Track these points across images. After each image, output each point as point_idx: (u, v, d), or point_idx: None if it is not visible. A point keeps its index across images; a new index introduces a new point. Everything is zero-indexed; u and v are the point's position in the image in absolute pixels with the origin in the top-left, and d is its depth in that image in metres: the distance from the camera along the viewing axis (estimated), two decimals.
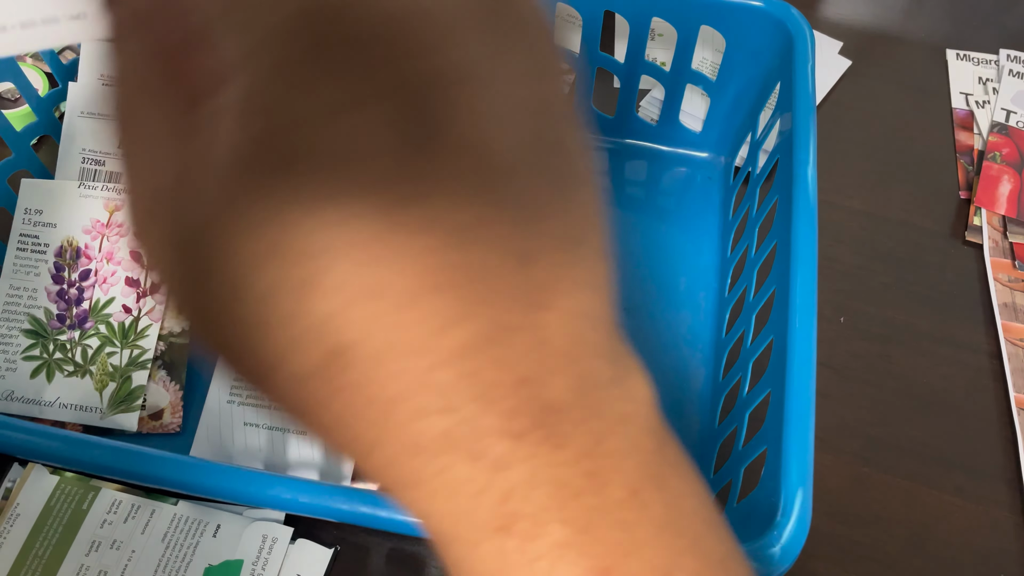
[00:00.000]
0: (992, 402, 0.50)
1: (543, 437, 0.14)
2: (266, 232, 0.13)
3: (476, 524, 0.14)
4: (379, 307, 0.13)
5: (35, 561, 0.41)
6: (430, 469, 0.14)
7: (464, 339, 0.13)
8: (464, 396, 0.13)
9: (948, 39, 0.69)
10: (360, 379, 0.13)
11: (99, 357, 0.47)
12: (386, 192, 0.12)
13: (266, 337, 0.14)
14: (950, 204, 0.59)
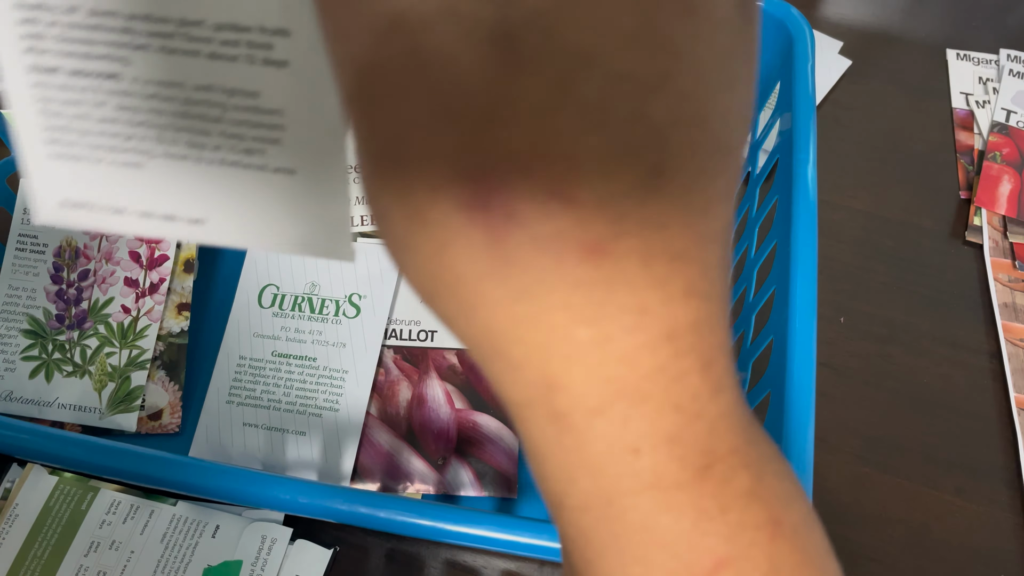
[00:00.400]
0: (992, 402, 0.50)
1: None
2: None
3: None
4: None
5: (34, 561, 0.41)
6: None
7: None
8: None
9: (948, 39, 0.69)
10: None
11: (98, 357, 0.47)
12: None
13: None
14: (950, 204, 0.59)
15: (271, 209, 0.20)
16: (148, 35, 0.18)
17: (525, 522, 0.36)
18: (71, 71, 0.19)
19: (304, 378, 0.47)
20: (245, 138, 0.19)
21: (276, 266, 0.50)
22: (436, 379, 0.47)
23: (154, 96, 0.19)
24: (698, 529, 0.17)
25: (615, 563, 0.17)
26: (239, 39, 0.18)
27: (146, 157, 0.20)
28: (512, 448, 0.45)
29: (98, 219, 0.21)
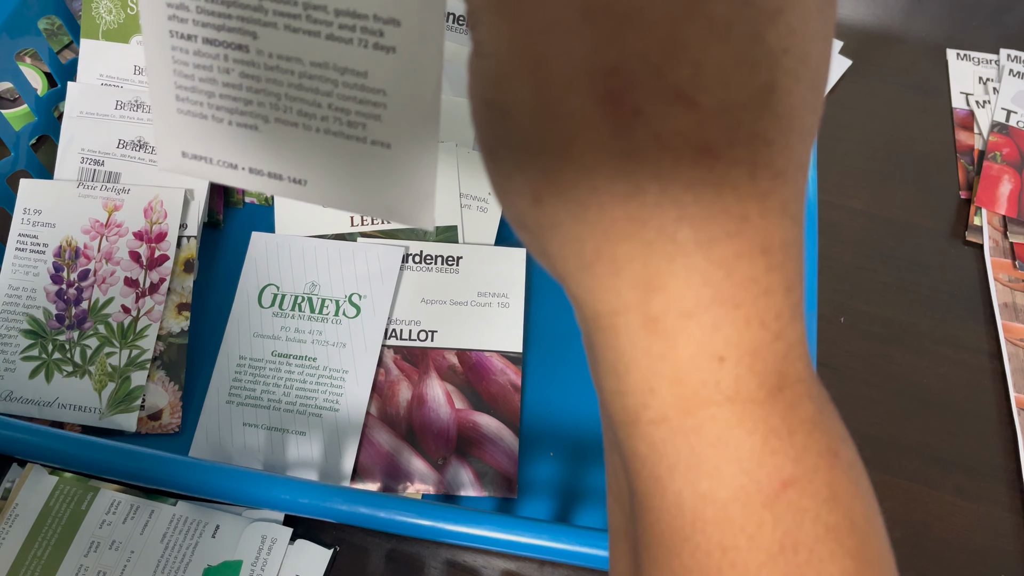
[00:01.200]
0: (992, 402, 0.50)
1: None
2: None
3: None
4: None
5: (34, 561, 0.41)
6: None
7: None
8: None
9: (948, 39, 0.69)
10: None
11: (98, 357, 0.47)
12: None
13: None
14: (950, 204, 0.59)
15: (365, 177, 0.23)
16: (277, 14, 0.21)
17: (525, 522, 0.36)
18: (205, 39, 0.22)
19: (304, 378, 0.47)
20: (350, 112, 0.22)
21: (276, 266, 0.50)
22: (436, 379, 0.47)
23: (275, 68, 0.22)
24: (768, 447, 0.17)
25: (686, 478, 0.18)
26: (355, 24, 0.20)
27: (261, 121, 0.23)
28: (512, 448, 0.45)
29: (213, 171, 0.24)
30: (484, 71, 0.17)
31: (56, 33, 0.61)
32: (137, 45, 0.53)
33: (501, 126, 0.17)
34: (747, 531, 0.17)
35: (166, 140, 0.24)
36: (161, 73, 0.23)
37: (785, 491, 0.17)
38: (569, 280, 0.18)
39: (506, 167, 0.17)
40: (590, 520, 0.44)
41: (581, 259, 0.17)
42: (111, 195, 0.50)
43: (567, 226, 0.17)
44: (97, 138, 0.52)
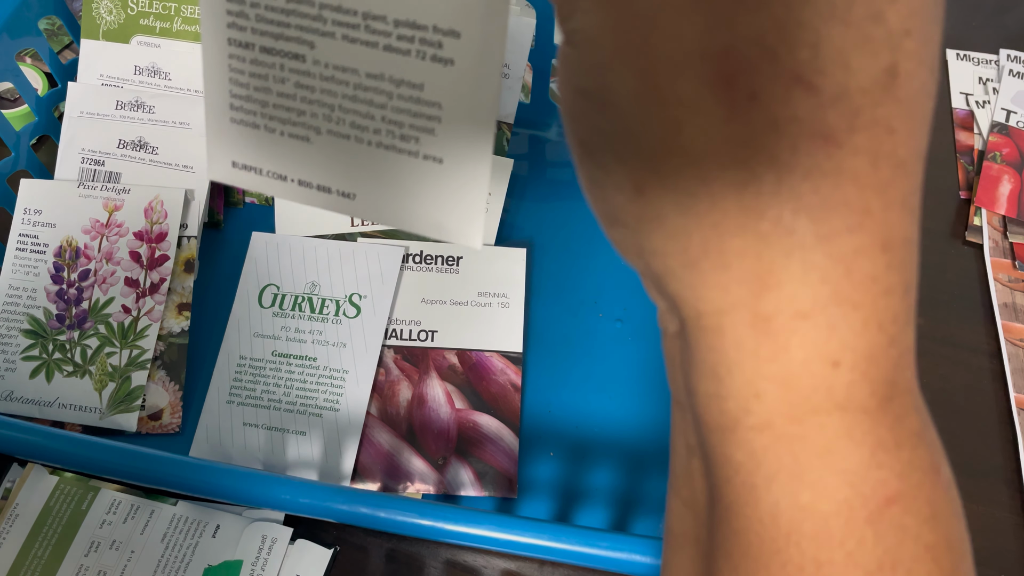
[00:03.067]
0: (992, 402, 0.50)
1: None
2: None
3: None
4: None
5: (34, 561, 0.41)
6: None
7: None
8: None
9: (948, 39, 0.69)
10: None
11: (98, 357, 0.47)
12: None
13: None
14: (950, 204, 0.59)
15: (415, 192, 0.22)
16: (335, 24, 0.20)
17: (525, 522, 0.36)
18: (263, 48, 0.22)
19: (304, 378, 0.47)
20: (404, 125, 0.21)
21: (276, 266, 0.50)
22: (436, 379, 0.47)
23: (330, 79, 0.21)
24: (875, 460, 0.16)
25: (786, 489, 0.17)
26: (414, 35, 0.20)
27: (314, 132, 0.22)
28: (512, 448, 0.45)
29: (263, 182, 0.24)
30: (580, 60, 0.16)
31: (56, 33, 0.61)
32: (138, 45, 0.53)
33: (599, 115, 0.16)
34: (846, 547, 0.17)
35: (217, 150, 0.24)
36: (217, 82, 0.23)
37: (889, 507, 0.17)
38: (669, 278, 0.17)
39: (603, 158, 0.16)
40: (590, 520, 0.44)
41: (686, 254, 0.16)
42: (111, 195, 0.50)
43: (672, 219, 0.16)
44: (97, 138, 0.52)
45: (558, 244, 0.54)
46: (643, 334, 0.50)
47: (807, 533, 0.17)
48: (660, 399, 0.48)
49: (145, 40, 0.52)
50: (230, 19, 0.22)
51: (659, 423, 0.47)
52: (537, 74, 0.58)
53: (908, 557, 0.17)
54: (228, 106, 0.23)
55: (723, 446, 0.17)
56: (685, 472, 0.20)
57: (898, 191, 0.15)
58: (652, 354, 0.50)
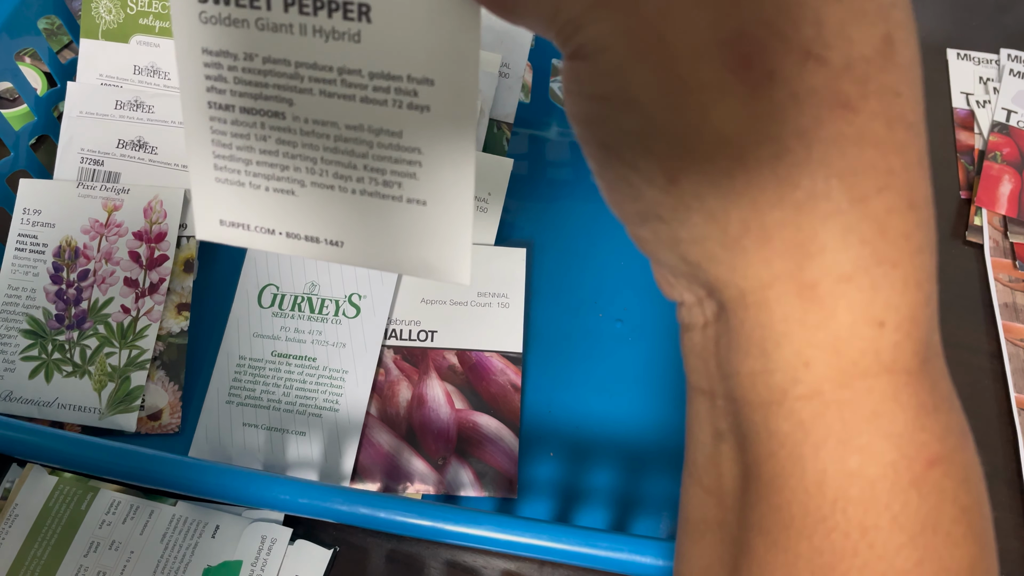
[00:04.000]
0: (992, 402, 0.50)
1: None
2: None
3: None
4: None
5: (34, 562, 0.41)
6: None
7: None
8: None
9: (949, 39, 0.69)
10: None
11: (98, 357, 0.47)
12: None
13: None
14: (950, 204, 0.59)
15: (402, 236, 0.23)
16: (312, 80, 0.21)
17: (525, 522, 0.36)
18: (243, 108, 0.22)
19: (304, 378, 0.47)
20: (385, 172, 0.22)
21: (276, 266, 0.50)
22: (436, 379, 0.47)
23: (311, 133, 0.22)
24: (918, 423, 0.17)
25: (834, 454, 0.17)
26: (389, 86, 0.20)
27: (298, 185, 0.23)
28: (512, 448, 0.45)
29: (251, 238, 0.24)
30: (593, 69, 0.16)
31: (56, 33, 0.61)
32: (137, 45, 0.53)
33: (622, 116, 0.16)
34: (892, 510, 0.17)
35: (204, 209, 0.24)
36: (200, 143, 0.23)
37: (931, 470, 0.17)
38: (708, 263, 0.17)
39: (631, 156, 0.17)
40: (590, 520, 0.44)
41: (726, 234, 0.16)
42: (111, 195, 0.50)
43: (709, 201, 0.16)
44: (97, 138, 0.52)
45: (558, 244, 0.54)
46: (643, 334, 0.50)
47: (853, 498, 0.17)
48: (660, 399, 0.48)
49: (145, 40, 0.52)
50: (209, 83, 0.22)
51: (659, 423, 0.47)
52: (537, 74, 0.58)
53: (947, 519, 0.17)
54: (212, 166, 0.23)
55: (768, 421, 0.18)
56: (709, 460, 0.20)
57: (914, 151, 0.16)
58: (652, 354, 0.49)
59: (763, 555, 0.18)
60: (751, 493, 0.19)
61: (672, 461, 0.46)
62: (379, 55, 0.20)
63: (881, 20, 0.15)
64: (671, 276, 0.19)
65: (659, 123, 0.16)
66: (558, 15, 0.16)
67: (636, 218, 0.18)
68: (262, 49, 0.21)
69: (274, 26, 0.20)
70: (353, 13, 0.20)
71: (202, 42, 0.21)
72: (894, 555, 0.17)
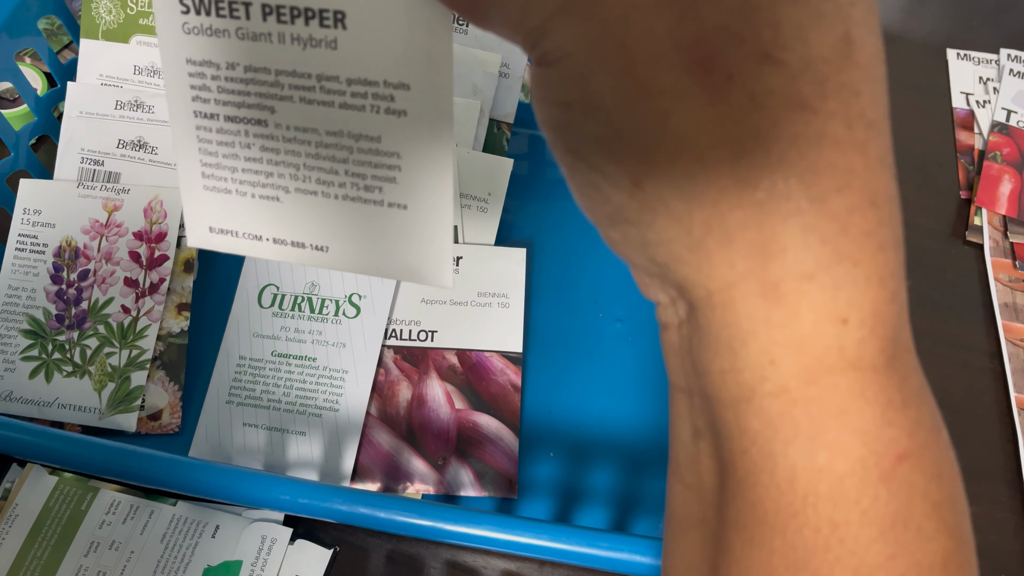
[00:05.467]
0: (992, 402, 0.50)
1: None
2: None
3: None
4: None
5: (34, 562, 0.41)
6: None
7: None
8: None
9: (949, 38, 0.69)
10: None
11: (98, 357, 0.47)
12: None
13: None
14: (950, 204, 0.59)
15: (384, 239, 0.23)
16: (292, 88, 0.21)
17: (525, 522, 0.36)
18: (227, 117, 0.23)
19: (304, 378, 0.47)
20: (366, 176, 0.22)
21: (276, 266, 0.50)
22: (436, 379, 0.47)
23: (293, 140, 0.22)
24: (885, 418, 0.17)
25: (803, 450, 0.17)
26: (367, 91, 0.21)
27: (283, 192, 0.23)
28: (512, 448, 0.45)
29: (239, 244, 0.25)
30: (558, 75, 0.17)
31: (56, 33, 0.61)
32: (137, 45, 0.53)
33: (586, 122, 0.16)
34: (861, 505, 0.17)
35: (194, 217, 0.25)
36: (188, 153, 0.24)
37: (900, 465, 0.17)
38: (675, 264, 0.17)
39: (596, 160, 0.17)
40: (590, 520, 0.44)
41: (689, 236, 0.16)
42: (111, 195, 0.50)
43: (673, 203, 0.16)
44: (97, 138, 0.52)
45: (558, 244, 0.54)
46: (643, 334, 0.50)
47: (823, 494, 0.17)
48: (660, 399, 0.48)
49: (145, 40, 0.52)
50: (194, 92, 0.22)
51: (659, 423, 0.47)
52: None
53: (918, 514, 0.17)
54: (200, 174, 0.24)
55: (739, 418, 0.18)
56: (690, 457, 0.21)
57: (875, 149, 0.16)
58: (652, 354, 0.49)
59: (740, 551, 0.19)
60: (728, 489, 0.19)
61: None
62: (355, 61, 0.20)
63: (839, 20, 0.15)
64: (645, 277, 0.20)
65: (621, 128, 0.16)
66: (524, 22, 0.16)
67: (606, 221, 0.18)
68: (243, 58, 0.21)
69: (254, 35, 0.21)
70: (329, 20, 0.20)
71: (186, 53, 0.22)
72: (865, 550, 0.17)
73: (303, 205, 0.23)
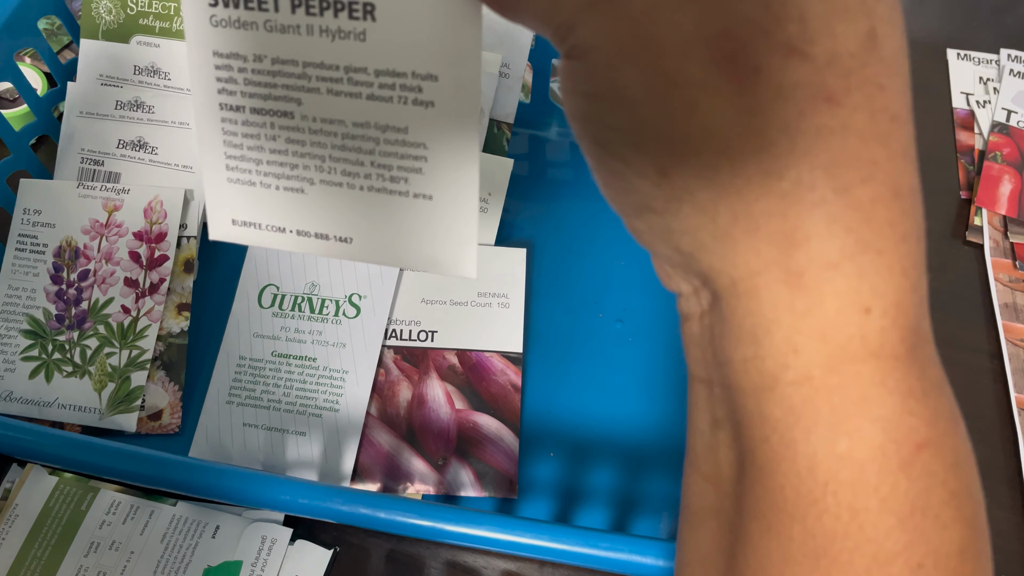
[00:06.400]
0: (992, 402, 0.50)
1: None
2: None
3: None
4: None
5: (34, 562, 0.41)
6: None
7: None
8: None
9: (949, 39, 0.69)
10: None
11: (98, 357, 0.47)
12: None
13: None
14: (951, 204, 0.59)
15: (409, 230, 0.23)
16: (319, 79, 0.21)
17: (525, 522, 0.36)
18: (253, 109, 0.23)
19: (304, 378, 0.47)
20: (392, 168, 0.22)
21: (276, 266, 0.50)
22: (436, 379, 0.47)
23: (319, 131, 0.22)
24: (906, 407, 0.17)
25: (824, 438, 0.17)
26: (395, 82, 0.21)
27: (307, 184, 0.23)
28: (512, 448, 0.45)
29: (262, 237, 0.25)
30: (586, 69, 0.17)
31: (56, 33, 0.61)
32: (137, 45, 0.53)
33: (613, 113, 0.17)
34: (881, 493, 0.17)
35: (217, 209, 0.25)
36: (212, 145, 0.24)
37: (920, 454, 0.17)
38: (700, 252, 0.17)
39: (623, 151, 0.17)
40: (590, 521, 0.44)
41: (715, 225, 0.17)
42: (111, 195, 0.50)
43: (698, 193, 0.17)
44: (97, 138, 0.52)
45: (558, 244, 0.54)
46: (643, 334, 0.50)
47: (844, 481, 0.17)
48: (660, 399, 0.48)
49: (145, 40, 0.52)
50: (220, 85, 0.22)
51: (660, 423, 0.47)
52: (537, 74, 0.58)
53: (936, 502, 0.17)
54: (224, 167, 0.24)
55: (760, 407, 0.18)
56: (708, 447, 0.21)
57: (898, 142, 0.16)
58: (652, 354, 0.49)
59: (758, 540, 0.19)
60: (747, 479, 0.19)
61: (672, 461, 0.46)
62: (384, 53, 0.20)
63: (864, 16, 0.16)
64: (668, 267, 0.20)
65: (648, 119, 0.16)
66: (554, 16, 0.17)
67: (631, 210, 0.18)
68: (271, 50, 0.21)
69: (282, 27, 0.21)
70: (359, 12, 0.20)
71: (213, 45, 0.22)
72: (884, 537, 0.17)
73: (328, 197, 0.23)
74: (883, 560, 0.17)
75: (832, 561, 0.18)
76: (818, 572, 0.18)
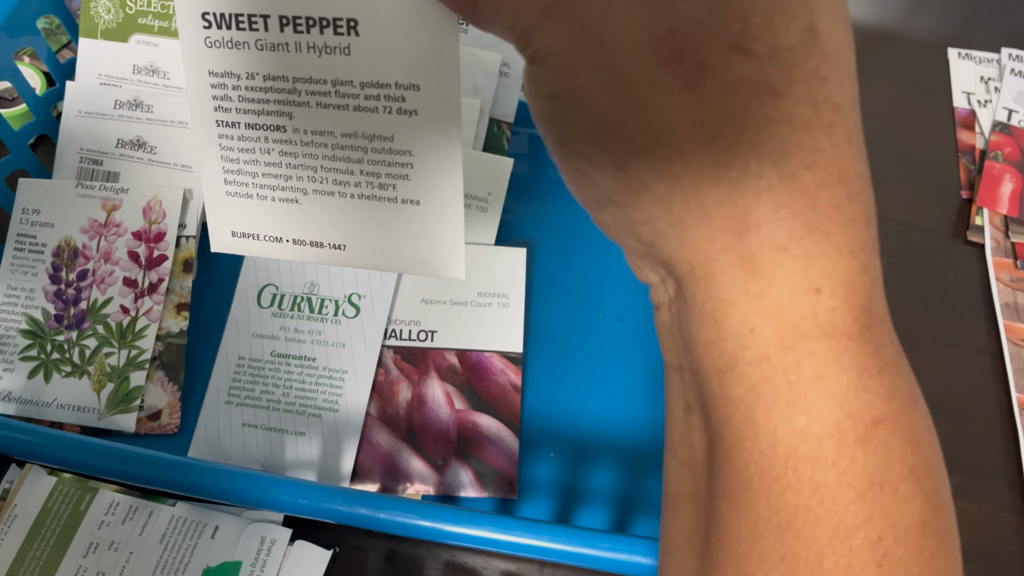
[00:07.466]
0: (993, 402, 0.50)
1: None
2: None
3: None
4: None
5: (33, 562, 0.41)
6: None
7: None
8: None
9: (950, 38, 0.68)
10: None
11: (97, 358, 0.47)
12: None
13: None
14: (952, 204, 0.59)
15: (399, 235, 0.24)
16: (309, 93, 0.22)
17: (525, 523, 0.36)
18: (247, 124, 0.24)
19: (303, 378, 0.47)
20: (380, 175, 0.23)
21: (275, 266, 0.50)
22: (436, 379, 0.47)
23: (310, 143, 0.23)
24: (861, 384, 0.18)
25: (784, 415, 0.18)
26: (379, 93, 0.22)
27: (301, 194, 0.24)
28: (512, 449, 0.45)
29: (261, 247, 0.26)
30: (546, 72, 0.18)
31: (55, 32, 0.61)
32: (136, 44, 0.53)
33: (573, 113, 0.18)
34: (839, 467, 0.18)
35: (217, 222, 0.26)
36: (210, 161, 0.25)
37: (876, 429, 0.18)
38: (660, 241, 0.18)
39: (583, 148, 0.18)
40: (590, 521, 0.44)
41: (671, 215, 0.18)
42: (110, 195, 0.50)
43: (654, 185, 0.17)
44: (96, 138, 0.52)
45: (558, 244, 0.54)
46: (643, 334, 0.50)
47: (804, 456, 0.18)
48: (661, 399, 0.48)
49: (144, 39, 0.52)
50: (216, 103, 0.24)
51: (660, 423, 0.47)
52: None
53: (895, 477, 0.18)
54: (222, 181, 0.25)
55: (724, 387, 0.19)
56: (682, 433, 0.22)
57: (842, 130, 0.17)
58: (652, 354, 0.49)
59: (728, 518, 0.20)
60: (716, 460, 0.20)
61: None
62: (368, 65, 0.21)
63: (805, 12, 0.17)
64: (637, 259, 0.21)
65: (605, 117, 0.17)
66: (516, 24, 0.18)
67: (595, 205, 0.19)
68: (262, 67, 0.22)
69: (272, 45, 0.22)
70: (343, 28, 0.21)
71: (208, 65, 0.23)
72: (844, 511, 0.18)
73: (321, 205, 0.24)
74: (844, 534, 0.18)
75: (796, 535, 0.18)
76: (783, 547, 0.18)
